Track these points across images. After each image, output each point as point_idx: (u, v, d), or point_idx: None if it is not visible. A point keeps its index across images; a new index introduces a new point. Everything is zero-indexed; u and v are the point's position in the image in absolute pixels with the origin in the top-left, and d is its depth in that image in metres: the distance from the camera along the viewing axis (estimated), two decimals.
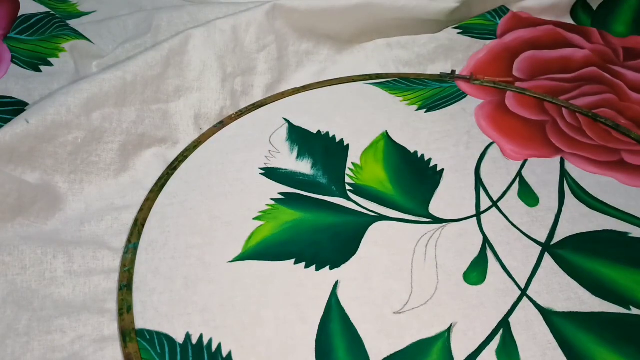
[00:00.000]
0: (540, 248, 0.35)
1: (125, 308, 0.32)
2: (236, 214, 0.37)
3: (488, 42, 0.51)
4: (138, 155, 0.42)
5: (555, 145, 0.42)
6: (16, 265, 0.34)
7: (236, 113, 0.45)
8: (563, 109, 0.45)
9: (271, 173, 0.39)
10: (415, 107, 0.45)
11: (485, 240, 0.35)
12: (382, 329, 0.31)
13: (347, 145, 0.41)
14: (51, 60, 0.47)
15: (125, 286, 0.33)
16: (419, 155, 0.41)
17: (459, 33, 0.52)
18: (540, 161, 0.40)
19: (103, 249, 0.35)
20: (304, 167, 0.40)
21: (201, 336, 0.31)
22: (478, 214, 0.37)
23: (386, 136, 0.42)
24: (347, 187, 0.38)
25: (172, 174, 0.40)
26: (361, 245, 0.35)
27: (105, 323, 0.32)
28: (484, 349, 0.30)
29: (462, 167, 0.40)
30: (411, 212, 0.37)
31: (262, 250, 0.34)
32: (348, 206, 0.37)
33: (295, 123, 0.43)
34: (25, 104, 0.43)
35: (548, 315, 0.31)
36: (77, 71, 0.47)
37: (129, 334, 0.31)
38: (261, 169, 0.40)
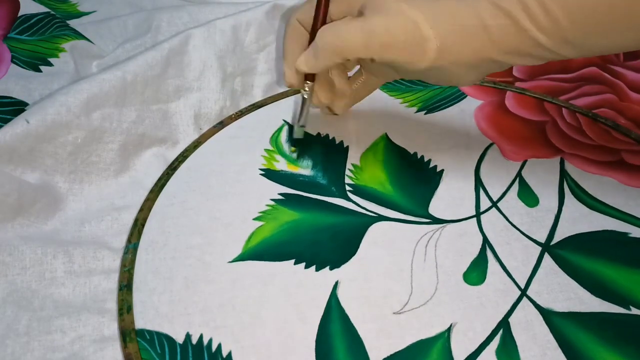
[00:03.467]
0: (540, 248, 0.35)
1: (125, 308, 0.32)
2: (236, 214, 0.37)
3: None
4: (138, 155, 0.42)
5: (555, 145, 0.42)
6: (16, 265, 0.34)
7: (236, 113, 0.45)
8: (563, 109, 0.45)
9: (271, 174, 0.39)
10: (415, 108, 0.45)
11: (485, 241, 0.35)
12: (382, 329, 0.31)
13: (347, 147, 0.41)
14: (51, 60, 0.47)
15: (125, 286, 0.33)
16: (419, 156, 0.41)
17: None
18: (540, 161, 0.40)
19: (103, 249, 0.35)
20: (304, 168, 0.40)
21: (201, 336, 0.31)
22: (478, 215, 0.37)
23: (386, 138, 0.42)
24: (347, 188, 0.38)
25: (172, 174, 0.40)
26: (361, 245, 0.35)
27: (105, 323, 0.32)
28: (484, 349, 0.30)
29: (461, 167, 0.40)
30: (411, 213, 0.37)
31: (262, 251, 0.35)
32: (348, 206, 0.37)
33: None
34: (25, 104, 0.43)
35: (548, 315, 0.31)
36: (77, 71, 0.47)
37: (129, 334, 0.31)
38: (261, 169, 0.40)
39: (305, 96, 0.38)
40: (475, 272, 0.34)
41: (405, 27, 0.31)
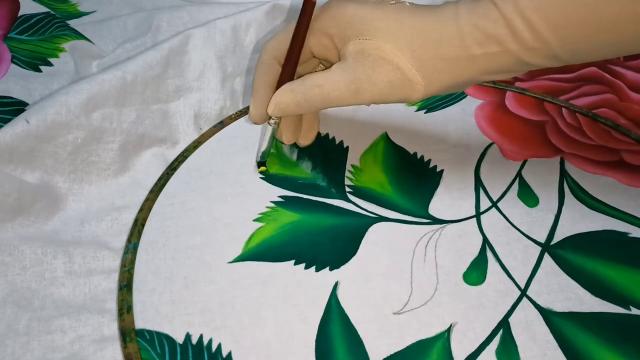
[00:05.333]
0: (540, 248, 0.35)
1: (125, 308, 0.32)
2: (236, 215, 0.37)
3: None
4: (138, 155, 0.42)
5: (555, 145, 0.42)
6: (16, 265, 0.34)
7: (236, 113, 0.45)
8: (563, 109, 0.45)
9: (271, 177, 0.39)
10: (415, 107, 0.45)
11: (485, 241, 0.35)
12: (382, 329, 0.31)
13: (347, 147, 0.41)
14: (51, 60, 0.47)
15: (125, 286, 0.33)
16: (419, 156, 0.41)
17: None
18: (540, 161, 0.40)
19: (103, 249, 0.35)
20: (304, 170, 0.40)
21: (201, 336, 0.31)
22: (478, 215, 0.37)
23: (386, 138, 0.42)
24: (347, 189, 0.38)
25: (172, 174, 0.40)
26: (361, 246, 0.35)
27: (105, 323, 0.32)
28: (484, 349, 0.30)
29: (461, 167, 0.40)
30: (411, 213, 0.37)
31: (262, 251, 0.35)
32: (348, 208, 0.37)
33: None
34: (25, 104, 0.43)
35: (548, 315, 0.31)
36: (77, 71, 0.47)
37: (129, 334, 0.31)
38: (260, 172, 0.40)
39: (273, 126, 0.36)
40: (475, 273, 0.34)
41: (390, 74, 0.30)
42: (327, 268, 0.34)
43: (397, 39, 0.30)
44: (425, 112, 0.44)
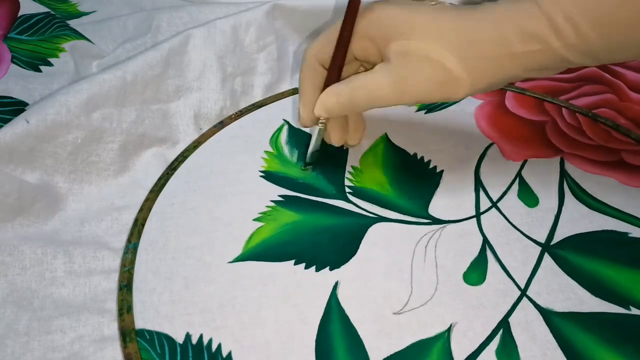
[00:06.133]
0: (540, 248, 0.35)
1: (125, 308, 0.32)
2: (236, 214, 0.37)
3: None
4: (138, 155, 0.42)
5: (555, 145, 0.42)
6: (16, 265, 0.34)
7: (236, 113, 0.45)
8: (563, 109, 0.45)
9: (271, 176, 0.39)
10: (415, 107, 0.45)
11: (485, 241, 0.35)
12: (382, 329, 0.31)
13: (347, 148, 0.41)
14: (51, 60, 0.47)
15: (125, 286, 0.33)
16: (419, 157, 0.41)
17: None
18: (540, 161, 0.40)
19: (103, 249, 0.35)
20: (304, 170, 0.40)
21: (201, 336, 0.31)
22: (478, 215, 0.37)
23: (385, 138, 0.42)
24: (347, 190, 0.38)
25: (172, 174, 0.40)
26: (361, 246, 0.35)
27: (105, 323, 0.32)
28: (484, 349, 0.30)
29: (461, 168, 0.40)
30: (411, 213, 0.37)
31: (262, 251, 0.35)
32: (348, 208, 0.37)
33: (295, 125, 0.43)
34: (25, 104, 0.43)
35: (548, 315, 0.31)
36: (77, 71, 0.47)
37: (129, 334, 0.31)
38: (261, 171, 0.40)
39: (321, 127, 0.37)
40: (475, 273, 0.34)
41: (436, 73, 0.30)
42: (327, 268, 0.34)
43: (441, 38, 0.30)
44: (425, 113, 0.44)
